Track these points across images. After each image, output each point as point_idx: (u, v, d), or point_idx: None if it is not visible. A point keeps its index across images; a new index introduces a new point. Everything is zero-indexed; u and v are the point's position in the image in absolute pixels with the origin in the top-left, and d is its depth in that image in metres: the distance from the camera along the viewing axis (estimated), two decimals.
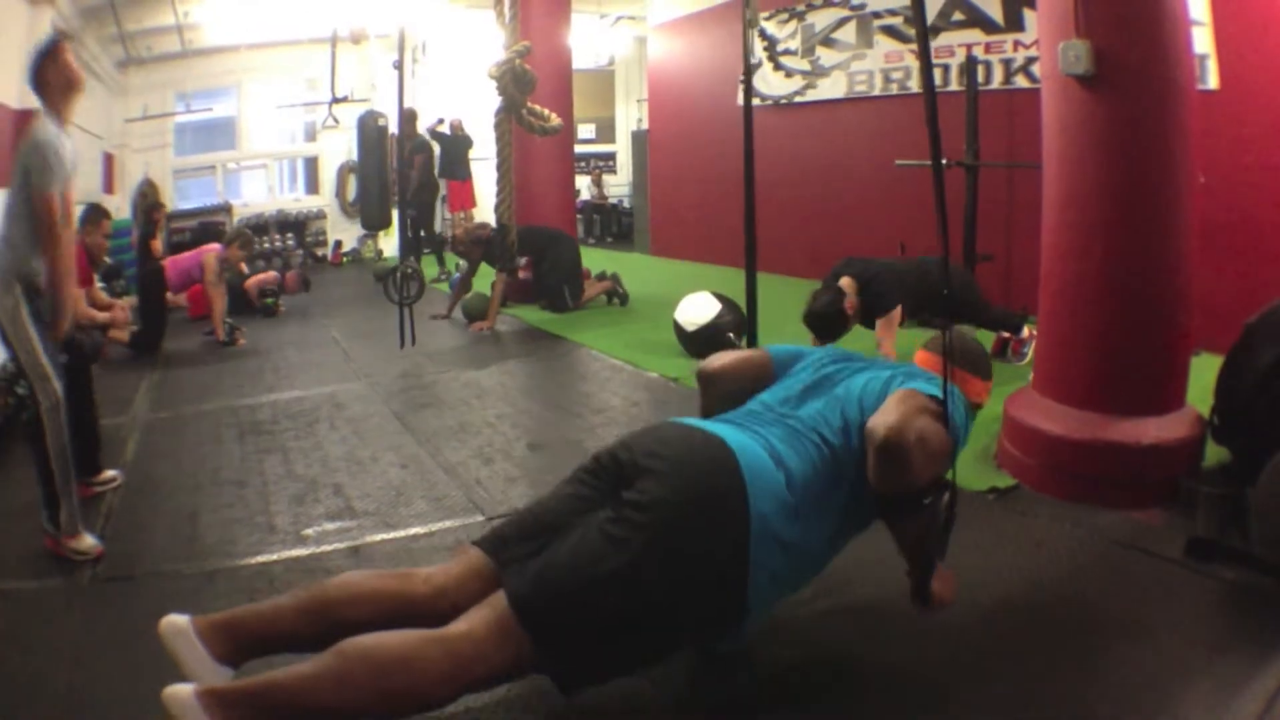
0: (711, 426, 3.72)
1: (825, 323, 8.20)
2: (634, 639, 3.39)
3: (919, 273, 8.56)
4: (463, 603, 3.39)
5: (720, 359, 4.52)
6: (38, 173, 5.29)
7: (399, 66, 9.58)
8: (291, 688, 3.01)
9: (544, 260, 13.01)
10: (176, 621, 3.39)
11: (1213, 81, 9.11)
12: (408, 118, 17.05)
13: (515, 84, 8.94)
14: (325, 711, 3.03)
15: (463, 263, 13.72)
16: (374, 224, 18.36)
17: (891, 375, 4.02)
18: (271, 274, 14.64)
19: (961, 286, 8.76)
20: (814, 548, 3.69)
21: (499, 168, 9.77)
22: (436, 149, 19.02)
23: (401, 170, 14.24)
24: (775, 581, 3.56)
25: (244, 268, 13.83)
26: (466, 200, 19.78)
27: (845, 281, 8.36)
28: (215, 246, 13.04)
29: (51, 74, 5.52)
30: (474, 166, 19.81)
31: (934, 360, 4.31)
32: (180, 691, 2.97)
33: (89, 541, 5.48)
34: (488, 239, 12.77)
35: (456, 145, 19.47)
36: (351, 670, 3.03)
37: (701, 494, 3.39)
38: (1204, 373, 5.93)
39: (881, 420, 3.49)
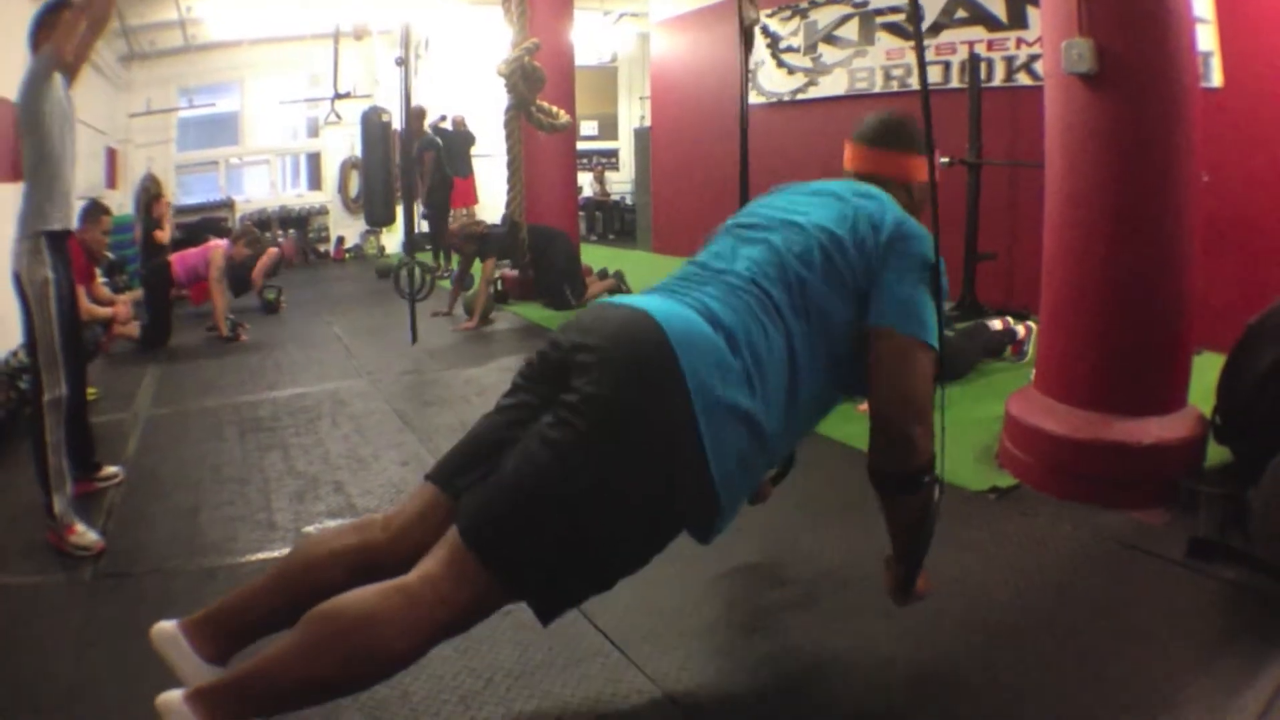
0: (637, 300, 3.40)
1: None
2: (599, 551, 3.15)
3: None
4: (426, 542, 3.20)
5: None
6: (33, 70, 5.51)
7: (402, 62, 9.59)
8: (267, 670, 2.96)
9: (542, 259, 12.99)
10: (165, 628, 3.37)
11: (1217, 79, 9.10)
12: (416, 115, 17.08)
13: (525, 81, 8.96)
14: (303, 686, 2.97)
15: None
16: (379, 220, 18.36)
17: (845, 220, 3.56)
18: (273, 251, 14.58)
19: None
20: (783, 417, 3.36)
21: (509, 165, 9.79)
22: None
23: (405, 166, 14.18)
24: (743, 461, 3.21)
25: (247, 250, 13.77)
26: (469, 197, 19.76)
27: None
28: (222, 242, 13.03)
29: (45, 30, 5.69)
30: (475, 163, 19.78)
31: (873, 156, 4.03)
32: (171, 698, 2.94)
33: (91, 537, 5.50)
34: (482, 235, 12.73)
35: (459, 142, 19.46)
36: (317, 639, 2.94)
37: (634, 376, 3.08)
38: (1206, 372, 5.93)
39: (883, 401, 3.44)
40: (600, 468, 2.99)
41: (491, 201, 18.36)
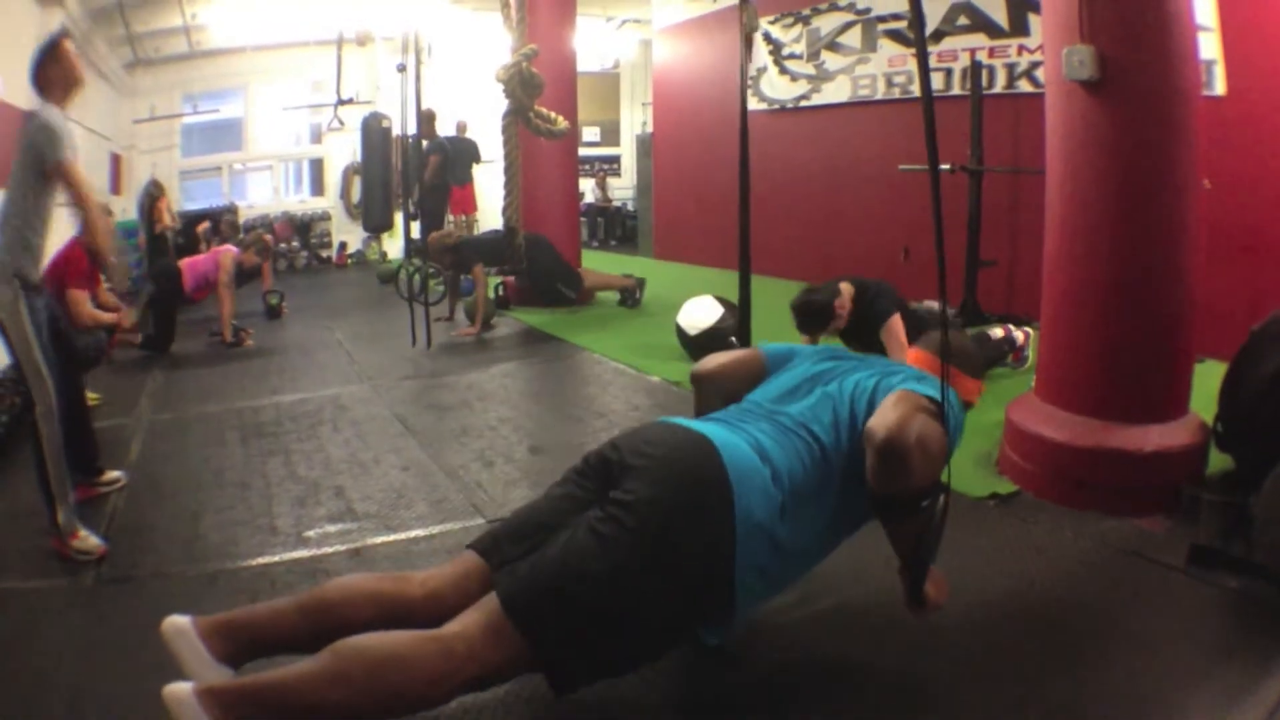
0: (698, 425, 3.74)
1: (809, 311, 8.11)
2: (623, 637, 3.41)
3: (914, 318, 8.51)
4: (457, 605, 3.41)
5: (714, 359, 4.57)
6: (51, 146, 5.36)
7: (404, 69, 9.60)
8: (287, 686, 3.03)
9: (530, 266, 12.98)
10: (178, 622, 3.43)
11: (1220, 87, 9.09)
12: (427, 117, 17.09)
13: (523, 87, 8.96)
14: (320, 710, 3.04)
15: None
16: (376, 226, 18.37)
17: (884, 373, 4.03)
18: (267, 238, 14.53)
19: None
20: (804, 545, 3.71)
21: (506, 170, 9.78)
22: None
23: (406, 171, 14.19)
24: (764, 578, 3.60)
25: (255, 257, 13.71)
26: (468, 205, 19.74)
27: (844, 285, 8.31)
28: (231, 248, 13.04)
29: (53, 71, 5.61)
30: (475, 171, 19.76)
31: (928, 359, 4.44)
32: (180, 690, 2.99)
33: (93, 542, 5.51)
34: (454, 246, 12.75)
35: (459, 149, 19.47)
36: (346, 669, 3.05)
37: (687, 491, 3.42)
38: (1208, 380, 5.94)
39: (881, 421, 3.49)
40: (640, 564, 3.29)
41: (493, 207, 18.46)
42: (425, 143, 17.39)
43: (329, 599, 3.51)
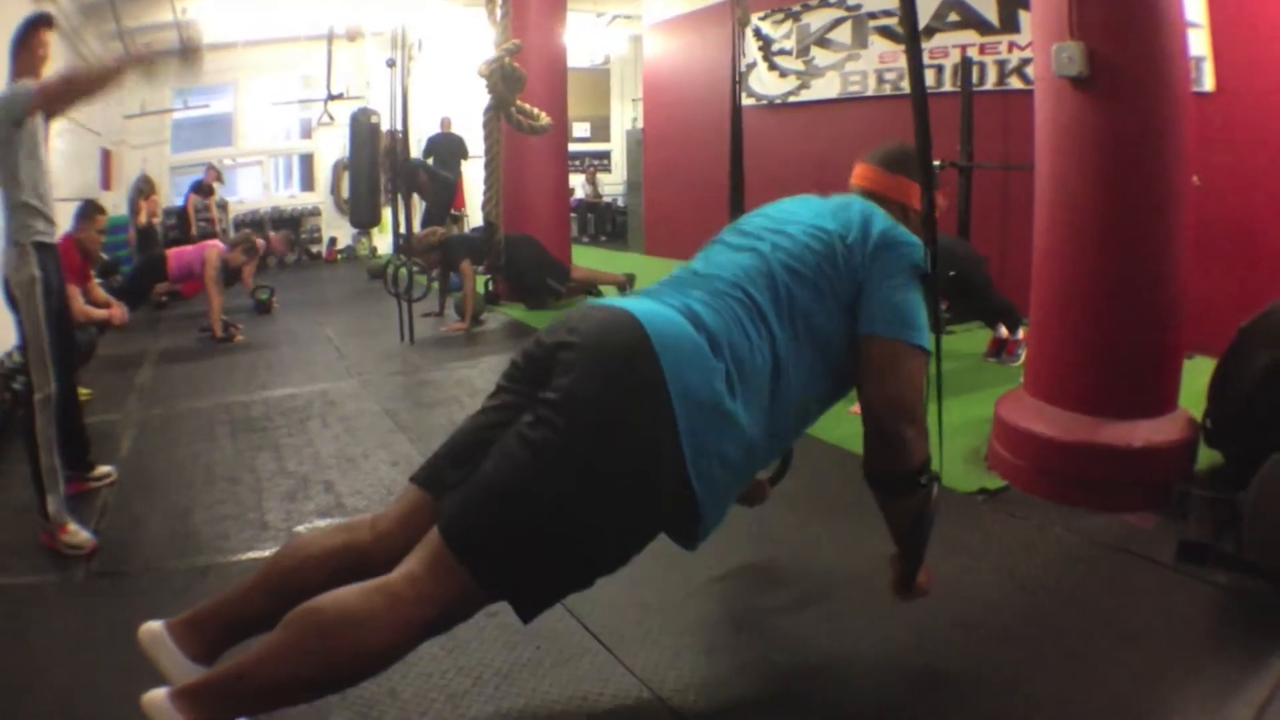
0: (622, 301, 3.40)
1: None
2: (576, 549, 3.14)
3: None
4: (408, 543, 3.20)
5: None
6: (7, 103, 5.47)
7: (393, 64, 9.61)
8: (249, 669, 2.97)
9: (511, 265, 12.95)
10: (152, 628, 3.38)
11: (1209, 84, 9.12)
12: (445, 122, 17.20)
13: (504, 82, 8.93)
14: (286, 685, 2.98)
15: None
16: (364, 222, 18.37)
17: (834, 233, 3.63)
18: (259, 243, 14.52)
19: (971, 268, 8.82)
20: (762, 419, 3.34)
21: (487, 166, 9.77)
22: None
23: (394, 166, 14.14)
24: (722, 462, 3.20)
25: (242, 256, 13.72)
26: (456, 201, 19.75)
27: None
28: (218, 244, 13.06)
29: (23, 59, 5.73)
30: (464, 166, 19.76)
31: (877, 174, 4.16)
32: (156, 696, 2.96)
33: (83, 536, 5.51)
34: (439, 244, 12.83)
35: (446, 145, 19.46)
36: (299, 640, 2.95)
37: (612, 375, 3.08)
38: (1197, 376, 5.96)
39: (878, 399, 3.48)
40: (578, 466, 3.00)
41: (477, 200, 18.53)
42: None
43: (280, 570, 3.42)
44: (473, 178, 19.22)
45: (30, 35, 5.68)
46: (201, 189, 18.54)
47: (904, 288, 3.52)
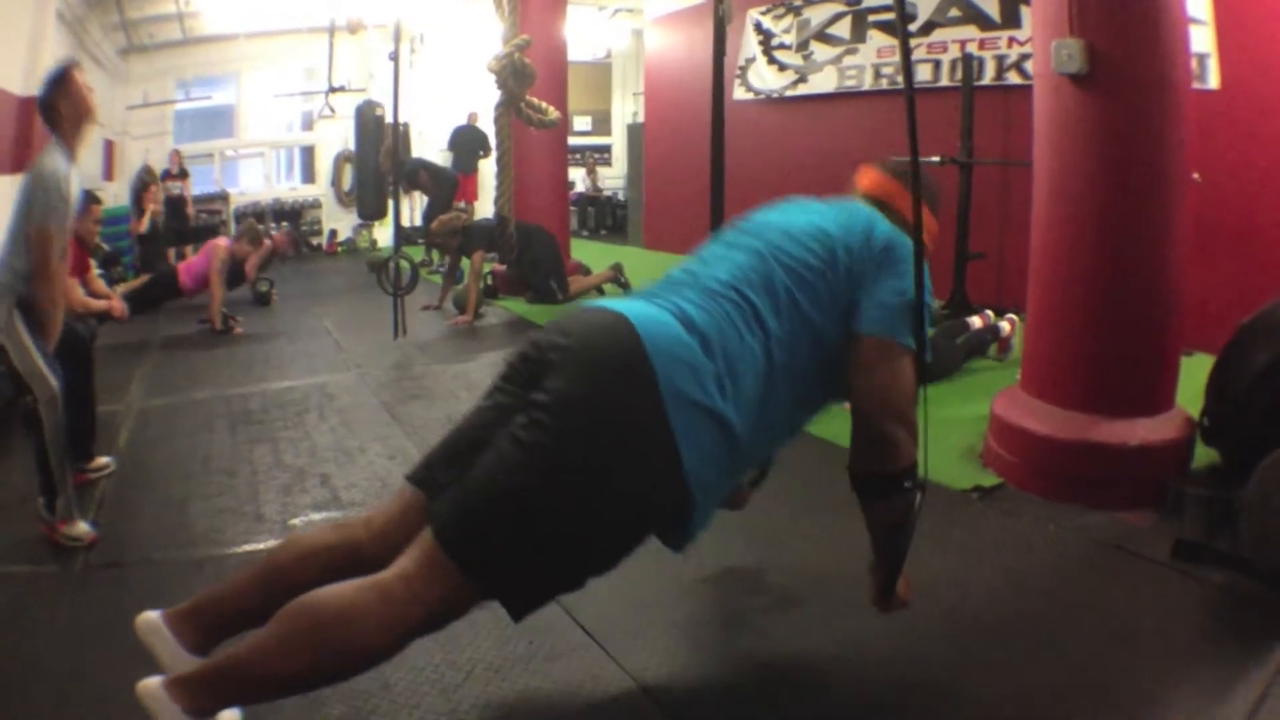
0: (615, 303, 3.40)
1: None
2: (568, 550, 3.16)
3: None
4: (403, 541, 3.23)
5: None
6: (39, 207, 5.33)
7: (394, 57, 9.61)
8: (243, 661, 3.01)
9: (524, 255, 12.98)
10: (150, 618, 3.42)
11: (1213, 81, 9.12)
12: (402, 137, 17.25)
13: (515, 78, 8.94)
14: (278, 678, 3.02)
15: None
16: (370, 214, 18.37)
17: (833, 238, 3.60)
18: (265, 243, 14.50)
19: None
20: (755, 418, 3.32)
21: (499, 161, 9.78)
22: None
23: (396, 159, 14.11)
24: (715, 462, 3.19)
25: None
26: (469, 193, 19.79)
27: None
28: (222, 240, 13.08)
29: (63, 103, 5.52)
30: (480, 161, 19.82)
31: (885, 181, 4.11)
32: (151, 684, 3.01)
33: (82, 528, 5.52)
34: (463, 229, 12.89)
35: (468, 139, 19.50)
36: (292, 635, 2.98)
37: (604, 377, 3.12)
38: (1196, 373, 5.95)
39: (871, 398, 3.47)
40: (570, 467, 3.02)
41: (491, 195, 18.51)
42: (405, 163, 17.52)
43: (277, 565, 3.46)
44: (485, 171, 19.28)
45: (66, 81, 5.58)
46: (171, 174, 18.47)
47: (899, 292, 3.50)
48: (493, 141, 11.06)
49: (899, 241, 3.59)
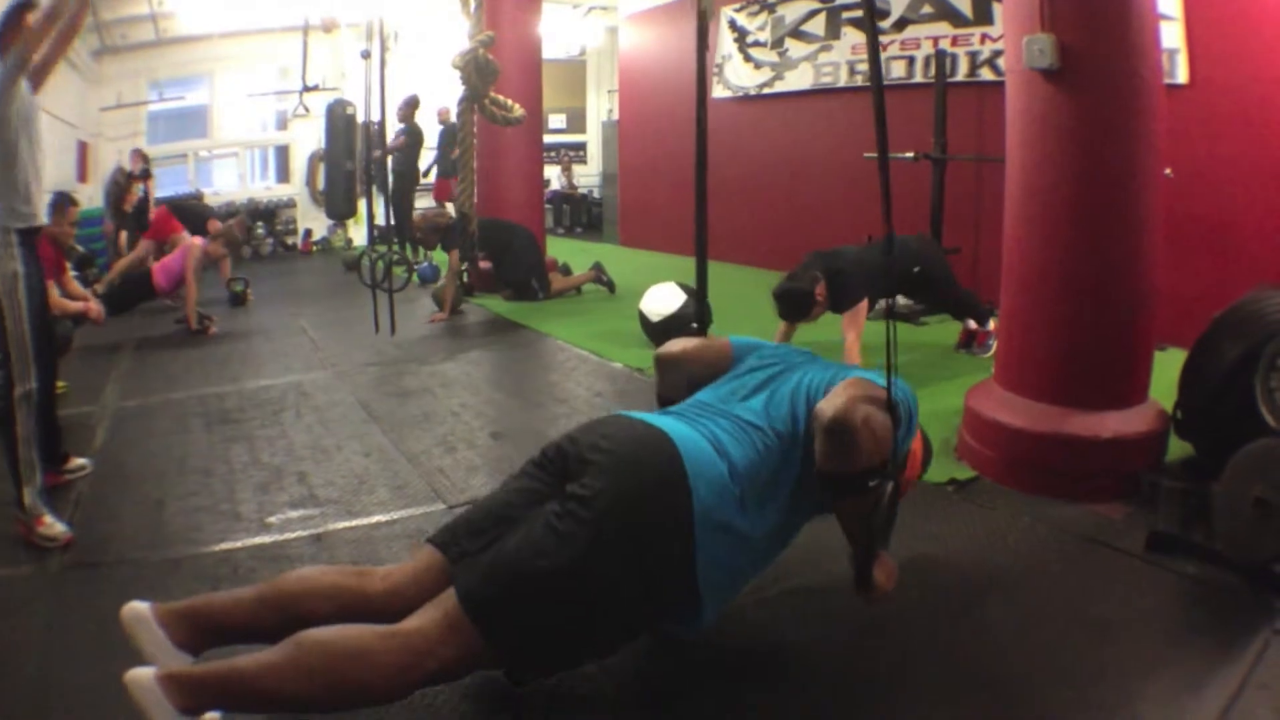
0: (656, 419, 3.75)
1: (791, 300, 8.18)
2: (581, 632, 3.43)
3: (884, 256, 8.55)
4: (416, 600, 3.42)
5: (680, 343, 4.58)
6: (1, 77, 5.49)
7: (368, 55, 9.60)
8: (249, 675, 3.07)
9: (506, 253, 12.99)
10: (137, 608, 3.45)
11: (1182, 76, 9.16)
12: (411, 104, 17.17)
13: (478, 74, 8.93)
14: (280, 699, 3.10)
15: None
16: (339, 214, 18.35)
17: (838, 370, 4.08)
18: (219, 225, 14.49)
19: (931, 263, 8.83)
20: (763, 536, 3.72)
21: (460, 157, 9.78)
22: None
23: (368, 158, 14.09)
24: (727, 571, 3.60)
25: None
26: (450, 193, 19.81)
27: (815, 274, 8.35)
28: (198, 239, 13.04)
29: (12, 39, 5.64)
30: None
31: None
32: (142, 675, 3.03)
33: (58, 528, 5.51)
34: (446, 227, 12.86)
35: (451, 140, 19.53)
36: (308, 661, 3.08)
37: (644, 485, 3.42)
38: (1169, 367, 5.98)
39: (829, 402, 3.58)
40: (597, 560, 3.27)
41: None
42: (401, 125, 17.51)
43: (289, 590, 3.53)
44: None
45: (17, 20, 5.66)
46: (132, 177, 18.35)
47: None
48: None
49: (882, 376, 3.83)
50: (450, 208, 17.05)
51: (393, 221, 16.99)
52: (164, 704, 3.00)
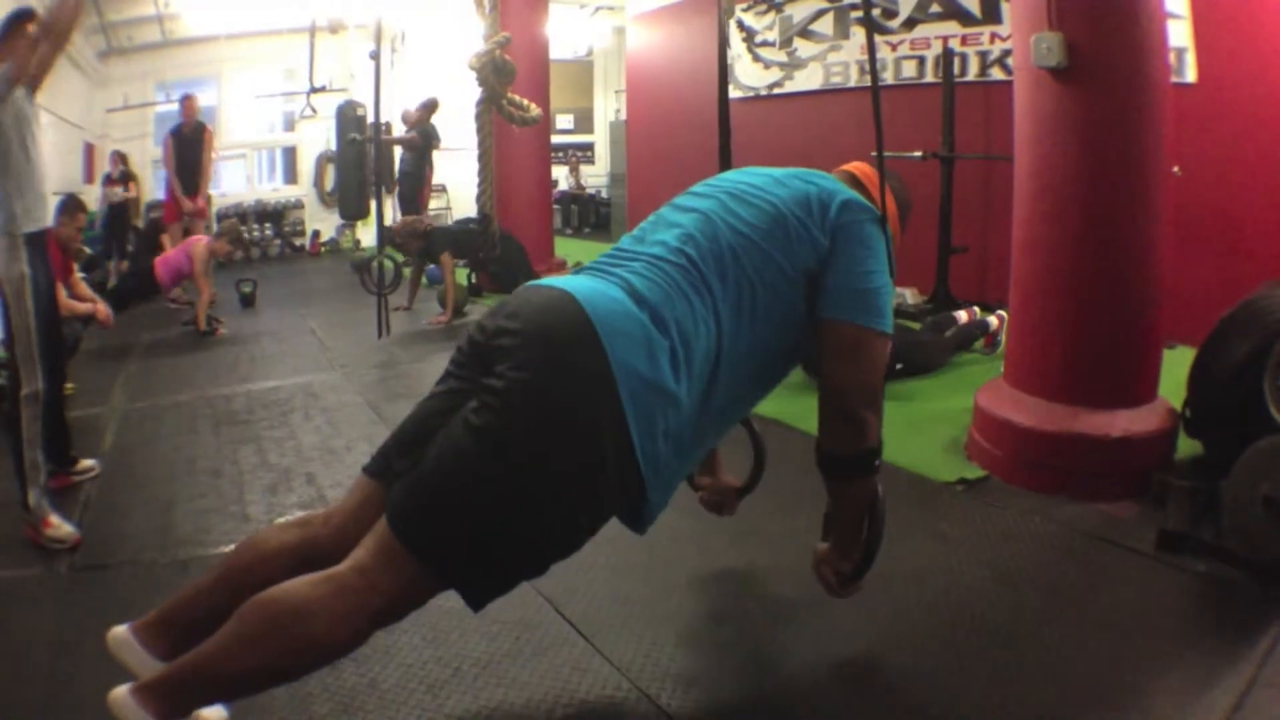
0: (561, 281, 3.34)
1: None
2: (524, 535, 3.09)
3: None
4: (361, 534, 3.20)
5: None
6: None
7: (375, 56, 9.61)
8: (205, 661, 2.99)
9: (504, 259, 12.98)
10: (118, 633, 3.40)
11: (1191, 75, 9.14)
12: (430, 106, 17.14)
13: (495, 75, 8.93)
14: (240, 675, 3.00)
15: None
16: (352, 214, 18.33)
17: (804, 207, 3.56)
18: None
19: (915, 352, 8.82)
20: (709, 387, 3.30)
21: (480, 159, 9.76)
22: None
23: (377, 159, 14.08)
24: (671, 440, 3.17)
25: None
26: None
27: None
28: (202, 238, 13.03)
29: (5, 50, 5.65)
30: (450, 157, 19.72)
31: (865, 168, 4.18)
32: (119, 694, 3.00)
33: (66, 530, 5.52)
34: (425, 232, 12.88)
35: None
36: (250, 631, 2.96)
37: (555, 361, 3.04)
38: (1178, 366, 5.97)
39: (843, 379, 3.50)
40: (522, 451, 2.98)
41: (463, 195, 18.37)
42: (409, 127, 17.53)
43: (238, 566, 3.42)
44: (457, 170, 19.21)
45: (14, 31, 5.68)
46: (112, 179, 18.24)
47: (868, 272, 3.51)
48: (452, 139, 11.05)
49: (858, 202, 3.59)
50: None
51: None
52: (144, 716, 2.97)
